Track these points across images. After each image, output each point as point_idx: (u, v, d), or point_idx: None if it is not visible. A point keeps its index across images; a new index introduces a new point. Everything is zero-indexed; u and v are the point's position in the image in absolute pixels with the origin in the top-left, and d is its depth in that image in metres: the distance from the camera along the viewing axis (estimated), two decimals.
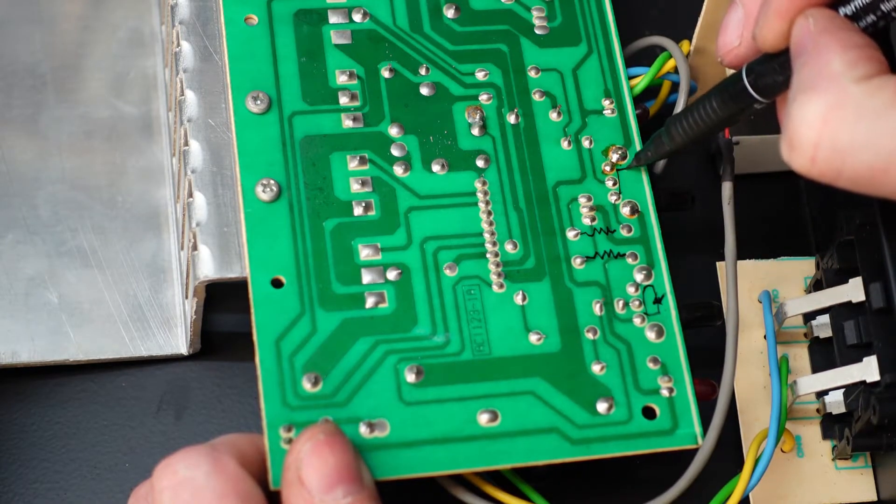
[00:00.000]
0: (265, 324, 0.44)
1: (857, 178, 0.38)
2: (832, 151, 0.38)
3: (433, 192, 0.46)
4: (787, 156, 0.39)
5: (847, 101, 0.37)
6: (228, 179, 0.47)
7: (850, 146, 0.37)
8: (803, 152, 0.38)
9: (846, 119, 0.37)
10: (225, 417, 0.49)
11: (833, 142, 0.37)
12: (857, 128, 0.37)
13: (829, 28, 0.39)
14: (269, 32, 0.48)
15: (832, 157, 0.38)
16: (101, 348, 0.49)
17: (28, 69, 0.53)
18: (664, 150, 0.46)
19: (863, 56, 0.38)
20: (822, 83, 0.38)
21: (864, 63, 0.38)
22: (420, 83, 0.48)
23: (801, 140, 0.38)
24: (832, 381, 0.47)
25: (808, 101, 0.38)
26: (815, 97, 0.38)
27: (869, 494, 0.49)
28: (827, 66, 0.38)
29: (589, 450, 0.44)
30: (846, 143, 0.37)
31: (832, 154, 0.38)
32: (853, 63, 0.38)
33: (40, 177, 0.51)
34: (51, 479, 0.47)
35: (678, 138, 0.46)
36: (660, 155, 0.47)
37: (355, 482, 0.40)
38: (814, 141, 0.38)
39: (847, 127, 0.37)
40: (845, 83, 0.38)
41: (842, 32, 0.39)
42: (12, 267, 0.50)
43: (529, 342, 0.45)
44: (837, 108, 0.37)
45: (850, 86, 0.37)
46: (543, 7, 0.50)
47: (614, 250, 0.46)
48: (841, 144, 0.37)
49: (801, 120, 0.38)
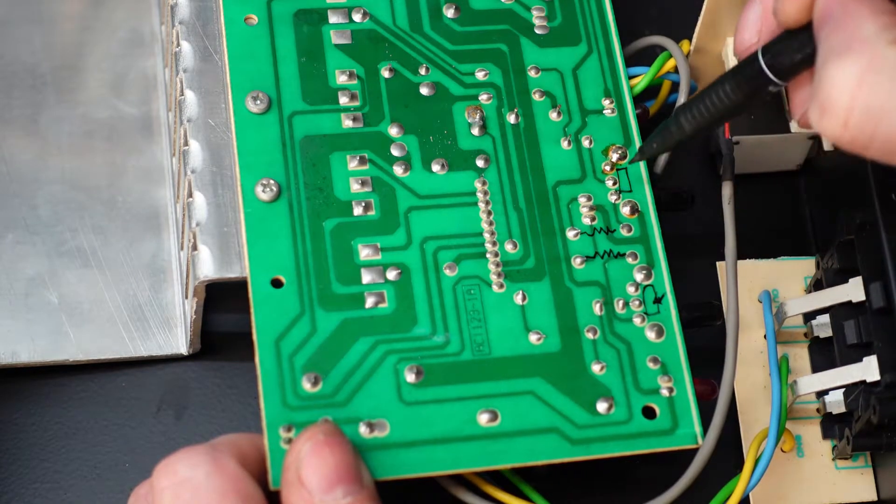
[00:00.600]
0: (265, 324, 0.44)
1: (890, 144, 0.37)
2: (866, 115, 0.37)
3: (433, 192, 0.46)
4: (817, 122, 0.38)
5: (882, 64, 0.37)
6: (228, 179, 0.47)
7: (884, 109, 0.37)
8: (836, 116, 0.37)
9: (881, 82, 0.37)
10: (225, 417, 0.49)
11: (867, 105, 0.37)
12: (893, 90, 0.37)
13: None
14: (269, 32, 0.48)
15: (866, 120, 0.37)
16: (101, 348, 0.49)
17: (28, 69, 0.53)
18: (671, 140, 0.45)
19: (894, 21, 0.38)
20: (856, 46, 0.37)
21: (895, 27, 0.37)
22: (420, 83, 0.48)
23: (833, 103, 0.37)
24: (832, 381, 0.47)
25: (842, 64, 0.37)
26: (848, 60, 0.37)
27: (869, 494, 0.49)
28: (859, 31, 0.37)
29: (589, 450, 0.44)
30: (880, 107, 0.37)
31: (866, 118, 0.37)
32: (886, 27, 0.37)
33: (40, 177, 0.51)
34: (51, 479, 0.47)
35: (687, 127, 0.44)
36: (666, 146, 0.46)
37: (355, 482, 0.40)
38: (847, 104, 0.37)
39: (882, 90, 0.37)
40: (879, 46, 0.37)
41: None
42: (12, 267, 0.50)
43: (529, 342, 0.45)
44: (872, 71, 0.37)
45: (884, 48, 0.37)
46: (543, 7, 0.50)
47: (614, 250, 0.46)
48: (875, 107, 0.37)
49: (833, 83, 0.37)
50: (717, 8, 0.49)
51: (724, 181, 0.48)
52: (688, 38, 0.51)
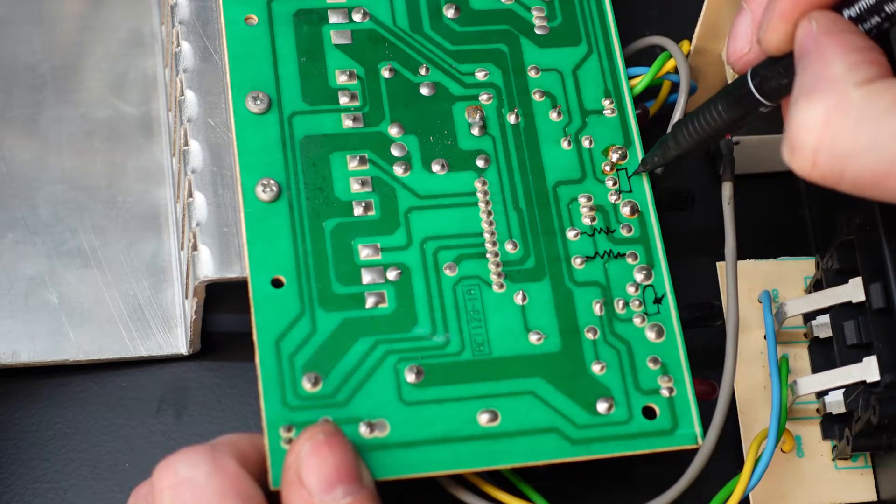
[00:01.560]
0: (265, 324, 0.44)
1: (859, 183, 0.37)
2: (833, 156, 0.37)
3: (433, 192, 0.46)
4: (788, 159, 0.38)
5: (848, 105, 0.37)
6: (228, 179, 0.47)
7: (850, 151, 0.37)
8: (804, 156, 0.38)
9: (847, 123, 0.37)
10: (225, 417, 0.49)
11: (833, 146, 0.37)
12: (858, 132, 0.37)
13: (831, 30, 0.39)
14: (269, 32, 0.48)
15: (833, 161, 0.37)
16: (101, 348, 0.49)
17: (28, 69, 0.53)
18: (671, 154, 0.46)
19: (864, 59, 0.38)
20: (823, 86, 0.38)
21: (865, 66, 0.38)
22: (420, 83, 0.48)
23: (801, 144, 0.38)
24: (832, 381, 0.47)
25: (809, 104, 0.38)
26: (815, 101, 0.37)
27: (869, 494, 0.49)
28: (828, 69, 0.38)
29: (589, 450, 0.44)
30: (847, 148, 0.37)
31: (833, 158, 0.37)
32: (855, 66, 0.38)
33: (40, 177, 0.51)
34: (51, 479, 0.47)
35: (684, 143, 0.45)
36: (667, 160, 0.46)
37: (355, 482, 0.40)
38: (814, 145, 0.37)
39: (848, 131, 0.37)
40: (846, 87, 0.37)
41: (844, 35, 0.38)
42: (12, 267, 0.50)
43: (529, 342, 0.45)
44: (838, 112, 0.37)
45: (851, 89, 0.37)
46: (543, 7, 0.50)
47: (614, 250, 0.46)
48: (842, 149, 0.37)
49: (801, 124, 0.38)
50: (717, 8, 0.49)
51: (724, 181, 0.48)
52: (688, 39, 0.51)
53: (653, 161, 0.47)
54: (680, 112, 0.49)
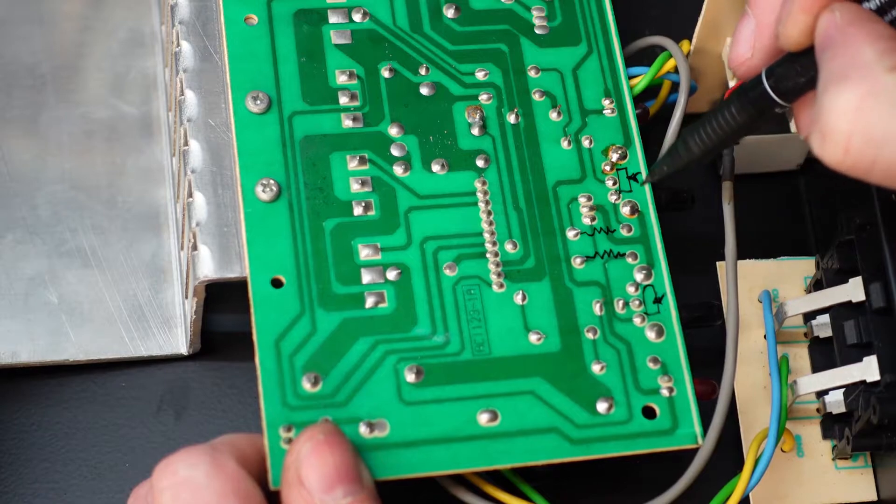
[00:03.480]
0: (265, 324, 0.44)
1: (892, 170, 0.37)
2: (866, 141, 0.37)
3: (433, 191, 0.46)
4: (818, 148, 0.38)
5: (881, 90, 0.37)
6: (228, 179, 0.47)
7: (884, 136, 0.37)
8: (836, 143, 0.37)
9: (880, 108, 0.37)
10: (225, 417, 0.49)
11: (867, 131, 0.37)
12: (893, 117, 0.37)
13: (856, 20, 0.38)
14: (269, 32, 0.48)
15: (866, 147, 0.37)
16: (101, 348, 0.49)
17: (28, 69, 0.53)
18: (680, 162, 0.45)
19: (893, 47, 0.37)
20: (855, 73, 0.37)
21: (894, 53, 0.37)
22: (420, 83, 0.48)
23: (833, 130, 0.37)
24: (832, 381, 0.47)
25: (841, 91, 0.37)
26: (847, 87, 0.37)
27: (869, 494, 0.49)
28: (858, 56, 0.37)
29: (589, 450, 0.44)
30: (881, 133, 0.37)
31: (866, 144, 0.37)
32: (885, 53, 0.37)
33: (40, 177, 0.51)
34: (51, 479, 0.47)
35: (695, 148, 0.44)
36: (675, 168, 0.45)
37: (355, 482, 0.40)
38: (847, 131, 0.37)
39: (882, 116, 0.37)
40: (878, 72, 0.37)
41: (870, 24, 0.38)
42: (12, 267, 0.50)
43: (529, 342, 0.45)
44: (871, 97, 0.37)
45: (883, 75, 0.37)
46: (543, 7, 0.50)
47: (614, 250, 0.46)
48: (875, 134, 0.37)
49: (833, 110, 0.37)
50: (717, 8, 0.49)
51: (724, 181, 0.48)
52: (688, 38, 0.51)
53: (661, 170, 0.46)
54: (680, 112, 0.49)
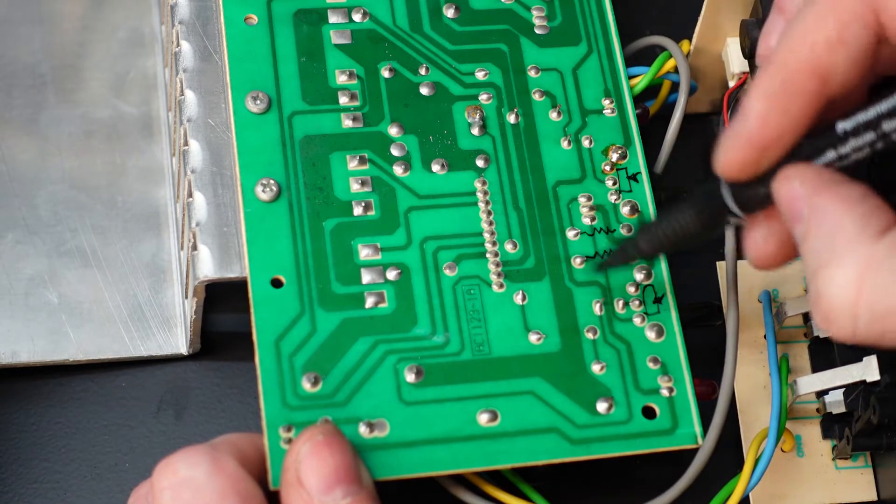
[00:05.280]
0: (265, 324, 0.44)
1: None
2: (873, 318, 0.35)
3: (433, 191, 0.46)
4: (824, 328, 0.36)
5: (876, 262, 0.35)
6: (228, 179, 0.47)
7: (889, 308, 0.35)
8: (843, 325, 0.35)
9: (881, 282, 0.35)
10: (225, 417, 0.49)
11: (872, 308, 0.35)
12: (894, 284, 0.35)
13: (820, 188, 0.36)
14: (269, 32, 0.48)
15: (874, 323, 0.35)
16: (101, 348, 0.49)
17: (28, 69, 0.53)
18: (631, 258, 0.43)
19: (869, 209, 0.36)
20: (843, 249, 0.35)
21: (874, 217, 0.35)
22: (420, 83, 0.48)
23: (837, 314, 0.35)
24: (832, 381, 0.47)
25: (835, 272, 0.35)
26: (840, 268, 0.35)
27: (869, 494, 0.49)
28: (840, 232, 0.35)
29: (589, 450, 0.44)
30: (886, 306, 0.35)
31: (873, 321, 0.35)
32: (865, 219, 0.35)
33: (40, 177, 0.51)
34: (51, 479, 0.47)
35: (647, 248, 0.42)
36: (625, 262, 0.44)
37: (354, 483, 0.40)
38: (851, 312, 0.35)
39: (884, 289, 0.35)
40: (867, 243, 0.35)
41: (836, 188, 0.36)
42: (12, 267, 0.50)
43: (529, 342, 0.45)
44: (868, 272, 0.35)
45: (872, 245, 0.35)
46: (543, 7, 0.50)
47: (614, 250, 0.46)
48: (881, 308, 0.35)
49: (832, 294, 0.35)
50: (717, 8, 0.49)
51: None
52: (688, 38, 0.51)
53: (615, 260, 0.44)
54: (680, 112, 0.49)
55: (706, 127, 0.53)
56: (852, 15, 0.36)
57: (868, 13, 0.36)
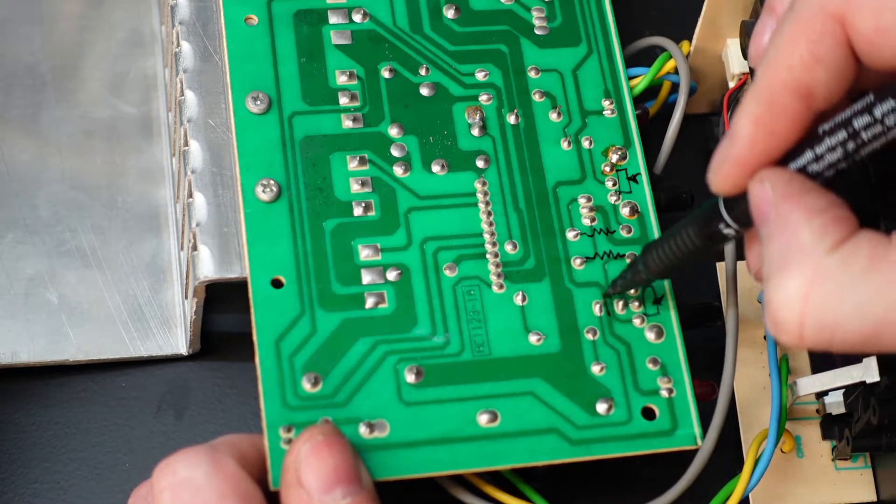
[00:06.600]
0: (265, 324, 0.44)
1: (849, 346, 0.36)
2: (819, 329, 0.36)
3: (433, 192, 0.46)
4: (773, 333, 0.37)
5: (824, 274, 0.35)
6: (228, 179, 0.47)
7: (835, 320, 0.35)
8: (789, 332, 0.36)
9: (827, 294, 0.35)
10: (225, 417, 0.49)
11: (818, 318, 0.36)
12: (840, 300, 0.35)
13: (788, 194, 0.37)
14: (269, 33, 0.48)
15: (819, 333, 0.36)
16: (101, 348, 0.49)
17: (28, 69, 0.53)
18: (640, 278, 0.44)
19: (829, 220, 0.36)
20: (795, 258, 0.36)
21: (833, 228, 0.36)
22: (420, 83, 0.48)
23: (784, 321, 0.36)
24: (832, 382, 0.47)
25: (785, 280, 0.36)
26: (790, 276, 0.36)
27: (869, 495, 0.49)
28: (796, 238, 0.36)
29: (589, 450, 0.44)
30: (831, 318, 0.35)
31: (819, 331, 0.36)
32: (822, 231, 0.36)
33: (40, 177, 0.51)
34: (51, 479, 0.47)
35: (654, 266, 0.43)
36: (636, 283, 0.44)
37: (354, 483, 0.40)
38: (797, 321, 0.36)
39: (829, 301, 0.35)
40: (818, 255, 0.35)
41: (803, 197, 0.36)
42: (12, 267, 0.50)
43: (529, 343, 0.45)
44: (816, 283, 0.35)
45: (823, 258, 0.35)
46: (543, 7, 0.50)
47: (614, 251, 0.46)
48: (826, 320, 0.35)
49: (780, 302, 0.36)
50: (717, 8, 0.49)
51: None
52: (688, 39, 0.51)
53: (625, 283, 0.45)
54: (680, 112, 0.49)
55: (706, 128, 0.53)
56: (821, 34, 0.37)
57: (838, 29, 0.37)
